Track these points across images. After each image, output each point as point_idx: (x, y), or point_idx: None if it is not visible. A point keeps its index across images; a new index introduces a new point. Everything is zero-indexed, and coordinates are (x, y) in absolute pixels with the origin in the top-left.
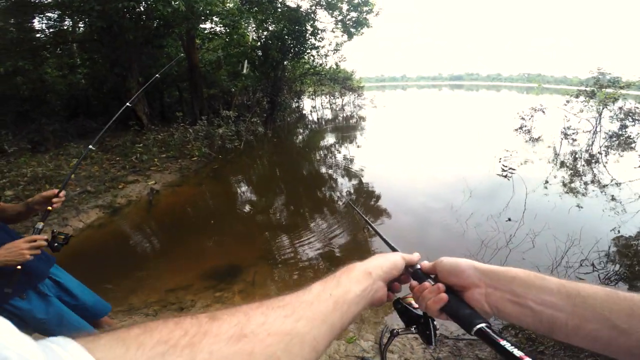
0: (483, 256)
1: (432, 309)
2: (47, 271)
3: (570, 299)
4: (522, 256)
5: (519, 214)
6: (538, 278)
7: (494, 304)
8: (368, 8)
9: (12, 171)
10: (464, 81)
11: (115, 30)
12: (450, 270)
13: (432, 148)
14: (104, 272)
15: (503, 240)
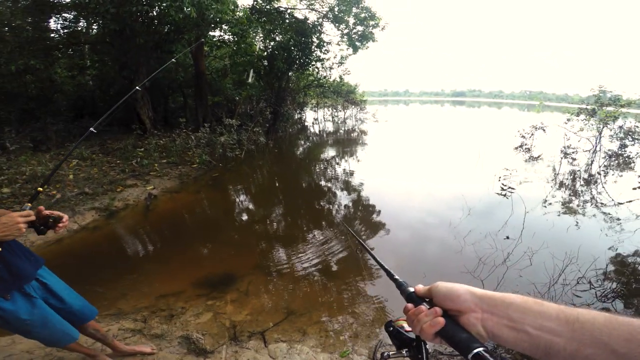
0: (480, 273)
1: (427, 333)
2: (34, 272)
3: (569, 324)
4: (519, 274)
5: (518, 232)
6: (536, 304)
7: (490, 329)
8: (374, 22)
9: (11, 169)
10: (466, 97)
11: (127, 34)
12: (446, 294)
13: (432, 164)
14: (95, 275)
15: (501, 257)
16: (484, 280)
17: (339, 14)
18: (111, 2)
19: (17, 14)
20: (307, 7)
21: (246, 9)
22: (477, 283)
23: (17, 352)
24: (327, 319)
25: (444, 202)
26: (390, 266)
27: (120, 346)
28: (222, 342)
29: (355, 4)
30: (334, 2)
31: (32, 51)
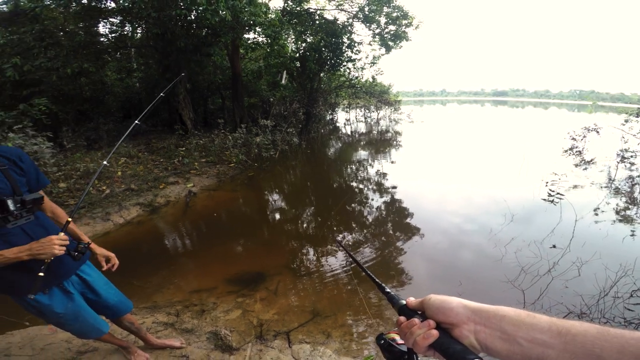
0: (521, 283)
1: (420, 345)
2: (75, 269)
3: (561, 337)
4: (565, 284)
5: (566, 241)
6: (529, 316)
7: (483, 341)
8: (407, 21)
9: (67, 165)
10: (509, 97)
11: (168, 37)
12: (439, 307)
13: (472, 167)
14: (135, 268)
15: (545, 267)
16: (526, 291)
17: (369, 14)
18: (152, 7)
19: (70, 19)
20: (336, 7)
21: (277, 11)
22: (517, 293)
23: (57, 341)
24: (352, 322)
25: (484, 208)
26: (422, 272)
27: (152, 339)
28: (248, 339)
29: (386, 3)
30: (363, 2)
31: (84, 55)
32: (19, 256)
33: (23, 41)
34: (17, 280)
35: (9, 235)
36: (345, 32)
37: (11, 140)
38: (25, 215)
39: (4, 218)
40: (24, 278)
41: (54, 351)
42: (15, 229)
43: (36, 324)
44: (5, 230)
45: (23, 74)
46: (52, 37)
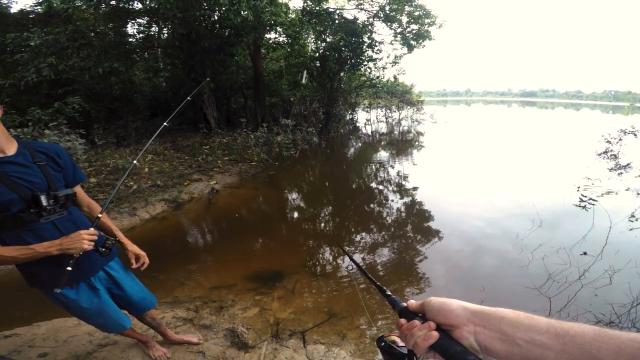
0: (548, 290)
1: (420, 347)
2: (103, 265)
3: (559, 338)
4: (595, 292)
5: (598, 248)
6: (527, 318)
7: (483, 342)
8: (430, 20)
9: (98, 161)
10: (538, 98)
11: (193, 37)
12: (439, 309)
13: (498, 170)
14: (158, 263)
15: (575, 275)
16: (552, 298)
17: (390, 13)
18: (177, 7)
19: (100, 20)
20: (356, 7)
21: (297, 11)
22: (543, 300)
23: (80, 334)
24: (369, 325)
25: (510, 212)
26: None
27: (171, 335)
28: (264, 338)
29: (407, 2)
30: (384, 1)
31: (114, 55)
32: (48, 251)
33: (57, 41)
34: (46, 274)
35: (40, 230)
36: (366, 31)
37: (47, 136)
38: (58, 210)
39: (37, 213)
40: (52, 272)
41: (76, 343)
42: (47, 224)
43: (62, 315)
44: (37, 225)
45: (58, 73)
46: (84, 38)
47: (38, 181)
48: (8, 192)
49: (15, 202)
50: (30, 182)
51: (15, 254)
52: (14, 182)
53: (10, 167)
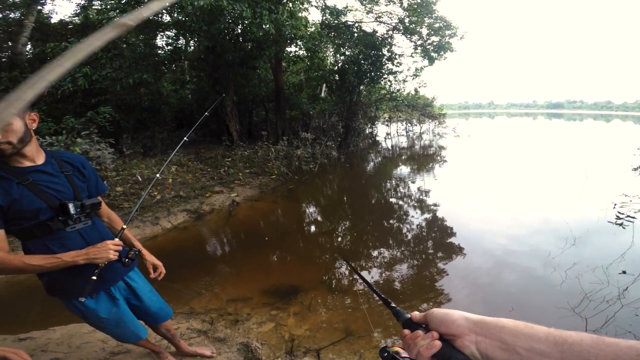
0: (583, 310)
1: (424, 356)
2: (122, 275)
3: (558, 346)
4: (635, 312)
5: (638, 267)
6: (527, 327)
7: (484, 351)
8: (451, 32)
9: (125, 170)
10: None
11: (218, 50)
12: (442, 320)
13: (526, 186)
14: (177, 273)
15: (613, 294)
16: (589, 319)
17: (410, 25)
18: (203, 20)
19: (132, 31)
20: (374, 19)
21: (317, 25)
22: (577, 321)
23: (94, 340)
24: (388, 344)
25: (541, 230)
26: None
27: (184, 346)
28: (278, 354)
29: (427, 14)
30: (403, 14)
31: (144, 66)
32: (75, 260)
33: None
34: (70, 283)
35: (66, 239)
36: (385, 44)
37: (79, 145)
38: (83, 219)
39: (64, 221)
40: (76, 281)
41: (89, 350)
42: (73, 233)
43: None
44: (64, 234)
45: (92, 83)
46: (117, 49)
47: (65, 190)
48: (37, 201)
49: (43, 210)
50: (58, 191)
51: (42, 262)
52: (42, 191)
53: (39, 176)
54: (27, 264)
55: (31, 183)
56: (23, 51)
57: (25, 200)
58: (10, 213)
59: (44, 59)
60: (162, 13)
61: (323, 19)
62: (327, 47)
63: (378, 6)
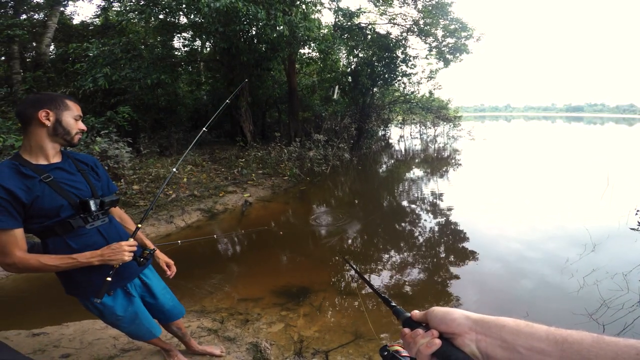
0: (601, 316)
1: (424, 354)
2: (138, 272)
3: (558, 345)
4: None
5: None
6: (527, 326)
7: (484, 349)
8: (467, 33)
9: (142, 169)
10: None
11: (233, 52)
12: (442, 318)
13: (543, 191)
14: (189, 271)
15: (634, 301)
16: (606, 325)
17: (424, 27)
18: (219, 22)
19: (150, 33)
20: (388, 21)
21: (330, 27)
22: (594, 327)
23: (106, 337)
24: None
25: (559, 236)
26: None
27: (194, 345)
28: (287, 355)
29: (442, 15)
30: (417, 16)
31: (162, 67)
32: (90, 261)
33: (112, 52)
34: (86, 283)
35: (86, 236)
36: (399, 46)
37: (98, 143)
38: (101, 217)
39: (85, 219)
40: (92, 281)
41: (100, 346)
42: (92, 230)
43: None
44: (84, 231)
45: (112, 83)
46: (136, 49)
47: (84, 188)
48: (59, 198)
49: (65, 207)
50: (77, 188)
51: (57, 262)
52: (63, 189)
53: (60, 174)
54: (43, 264)
55: (52, 180)
56: (47, 51)
57: (48, 197)
58: (32, 210)
59: (67, 59)
60: (179, 14)
61: (336, 20)
62: (340, 49)
63: (392, 8)
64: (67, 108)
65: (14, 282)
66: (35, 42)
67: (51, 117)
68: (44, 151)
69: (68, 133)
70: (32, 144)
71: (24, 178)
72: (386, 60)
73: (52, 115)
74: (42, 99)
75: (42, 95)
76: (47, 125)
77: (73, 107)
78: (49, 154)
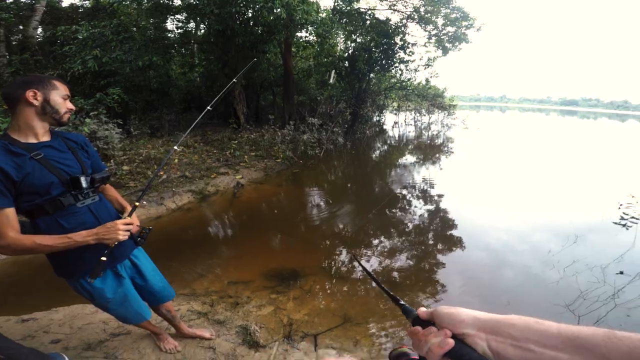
0: (577, 308)
1: (435, 354)
2: (130, 253)
3: (570, 342)
4: (627, 313)
5: (636, 268)
6: (537, 323)
7: (495, 349)
8: (468, 23)
9: (132, 150)
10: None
11: (228, 34)
12: (450, 319)
13: (532, 183)
14: (180, 254)
15: (608, 293)
16: (581, 317)
17: (425, 15)
18: (214, 4)
19: (142, 15)
20: (388, 7)
21: (328, 10)
22: (570, 318)
23: (96, 322)
24: (385, 332)
25: (543, 227)
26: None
27: (184, 328)
28: (276, 338)
29: (444, 3)
30: (418, 3)
31: (154, 49)
32: (86, 240)
33: (103, 35)
34: (79, 263)
35: (77, 215)
36: (398, 32)
37: (87, 125)
38: (91, 195)
39: (75, 196)
40: (85, 261)
41: (90, 331)
42: (83, 208)
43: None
44: (74, 209)
45: (101, 65)
46: (127, 32)
47: (73, 165)
48: (49, 175)
49: (55, 184)
50: (67, 165)
51: (52, 242)
52: (53, 166)
53: (49, 151)
54: (38, 244)
55: (43, 158)
56: (34, 34)
57: (38, 174)
58: (23, 188)
59: (55, 42)
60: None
61: (335, 4)
62: (338, 33)
63: None
64: (54, 87)
65: (3, 266)
66: (23, 25)
67: (39, 97)
68: (33, 130)
69: (57, 112)
70: (21, 123)
71: (13, 156)
72: (384, 46)
73: (39, 95)
74: (29, 80)
75: (29, 76)
76: (35, 105)
77: (60, 87)
78: (38, 133)
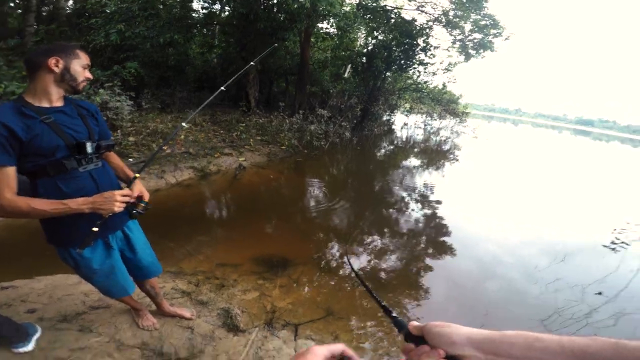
0: (551, 324)
1: None
2: (123, 224)
3: (577, 357)
4: (596, 331)
5: (615, 290)
6: (537, 340)
7: None
8: (496, 31)
9: (140, 122)
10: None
11: (251, 18)
12: (440, 339)
13: (532, 200)
14: (173, 229)
15: (583, 312)
16: (554, 332)
17: (453, 19)
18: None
19: None
20: (416, 8)
21: (353, 5)
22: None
23: (77, 293)
24: (365, 330)
25: (534, 243)
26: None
27: (165, 306)
28: (257, 324)
29: (475, 10)
30: (448, 6)
31: (177, 27)
32: (81, 208)
33: (130, 10)
34: (73, 231)
35: (77, 179)
36: (422, 34)
37: (100, 95)
38: (95, 160)
39: (79, 160)
40: (79, 229)
41: (69, 302)
42: (84, 173)
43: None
44: (76, 174)
45: (124, 40)
46: (154, 9)
47: (82, 131)
48: (56, 138)
49: (61, 148)
50: (75, 131)
51: (47, 207)
52: (62, 130)
53: (60, 116)
54: (32, 208)
55: (53, 122)
56: (65, 6)
57: (47, 137)
58: (29, 148)
59: (83, 14)
60: None
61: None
62: (360, 28)
63: None
64: (76, 56)
65: None
66: None
67: (60, 64)
68: (48, 95)
69: (74, 80)
70: (37, 88)
71: (24, 117)
72: (405, 46)
73: (61, 63)
74: (54, 48)
75: (54, 44)
76: (56, 72)
77: (82, 56)
78: (52, 98)
